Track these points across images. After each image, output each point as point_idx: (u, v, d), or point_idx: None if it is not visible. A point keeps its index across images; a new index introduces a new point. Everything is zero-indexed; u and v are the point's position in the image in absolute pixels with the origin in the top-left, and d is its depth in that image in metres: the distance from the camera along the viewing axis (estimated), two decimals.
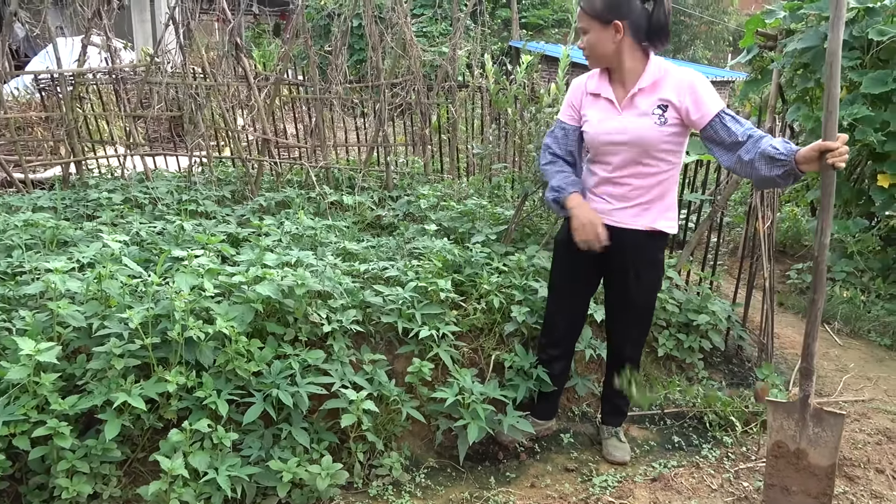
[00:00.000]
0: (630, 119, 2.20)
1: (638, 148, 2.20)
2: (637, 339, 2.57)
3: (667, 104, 2.16)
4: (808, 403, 2.19)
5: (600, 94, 2.26)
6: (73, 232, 3.15)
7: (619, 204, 2.29)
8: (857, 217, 4.65)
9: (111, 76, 5.17)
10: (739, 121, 2.14)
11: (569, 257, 2.45)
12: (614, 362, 2.61)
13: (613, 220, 2.29)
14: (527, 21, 21.55)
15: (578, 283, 2.52)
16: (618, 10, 2.10)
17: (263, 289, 2.32)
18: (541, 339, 2.71)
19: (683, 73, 2.17)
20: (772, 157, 2.02)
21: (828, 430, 2.17)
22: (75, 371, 2.10)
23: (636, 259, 2.35)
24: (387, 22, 4.91)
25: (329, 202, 4.26)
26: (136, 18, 11.95)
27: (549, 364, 2.66)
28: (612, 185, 2.29)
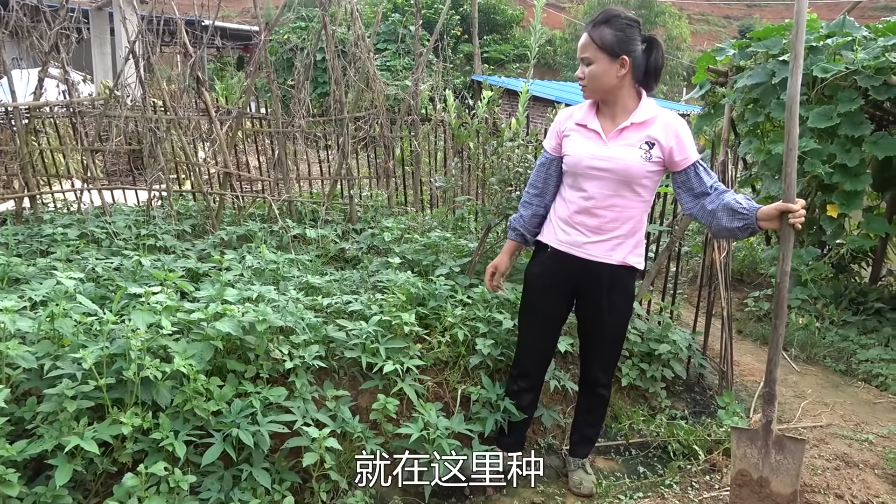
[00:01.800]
0: (617, 149, 2.26)
1: (620, 178, 2.26)
2: (611, 365, 2.64)
3: (654, 142, 2.26)
4: (770, 429, 2.23)
5: (587, 126, 2.32)
6: (26, 269, 3.05)
7: (595, 237, 2.34)
8: (809, 246, 4.81)
9: (69, 109, 5.09)
10: (710, 173, 2.31)
11: (541, 290, 2.50)
12: (587, 389, 2.65)
13: (588, 252, 2.35)
14: (488, 56, 22.01)
15: (550, 314, 2.54)
16: (626, 46, 2.19)
17: (223, 325, 2.27)
18: (512, 370, 2.72)
19: (672, 118, 2.29)
20: (734, 210, 2.17)
21: (789, 458, 2.21)
22: (24, 414, 2.01)
23: (610, 289, 2.42)
24: (350, 56, 4.96)
25: (292, 235, 4.23)
26: (96, 51, 11.83)
27: (519, 395, 2.66)
28: (587, 216, 2.33)
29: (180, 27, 4.44)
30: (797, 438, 2.24)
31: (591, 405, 2.69)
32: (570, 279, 2.43)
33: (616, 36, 2.18)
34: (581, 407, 2.72)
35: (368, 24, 5.50)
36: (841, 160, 4.22)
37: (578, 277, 2.41)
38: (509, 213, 3.32)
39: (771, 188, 4.68)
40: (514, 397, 2.67)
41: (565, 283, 2.45)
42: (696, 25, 40.18)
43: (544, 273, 2.47)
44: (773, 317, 2.29)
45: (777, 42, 4.66)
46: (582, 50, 2.24)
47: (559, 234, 2.41)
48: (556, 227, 2.43)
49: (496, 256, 2.70)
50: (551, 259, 2.43)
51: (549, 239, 2.45)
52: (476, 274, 3.53)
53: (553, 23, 29.14)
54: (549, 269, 2.45)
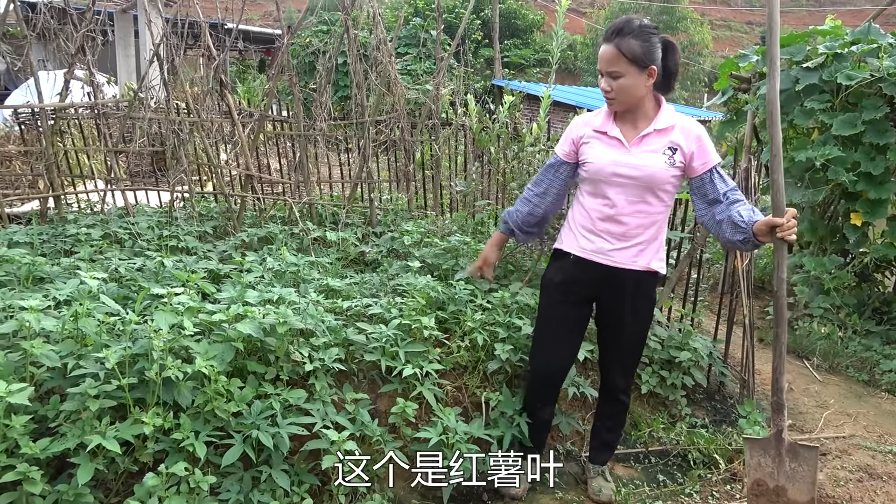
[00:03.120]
0: (641, 156, 2.25)
1: (644, 185, 2.26)
2: (631, 371, 2.62)
3: (676, 147, 2.26)
4: (782, 438, 2.20)
5: (607, 133, 2.30)
6: (50, 268, 3.09)
7: (619, 244, 2.32)
8: (832, 254, 4.74)
9: (93, 111, 5.16)
10: (726, 180, 2.29)
11: (563, 298, 2.46)
12: (608, 395, 2.63)
13: (612, 259, 2.34)
14: (509, 60, 22.01)
15: (573, 322, 2.51)
16: (653, 56, 2.18)
17: (244, 327, 2.29)
18: (532, 384, 2.64)
19: (692, 123, 2.29)
20: (736, 224, 2.18)
21: (804, 465, 2.19)
22: (48, 413, 2.04)
23: (634, 295, 2.40)
24: (371, 60, 4.98)
25: (312, 238, 4.25)
26: (121, 53, 12.00)
27: (542, 410, 2.62)
28: (612, 223, 2.32)
29: (204, 30, 4.48)
30: (810, 446, 2.22)
31: (612, 411, 2.67)
32: (594, 286, 2.41)
33: (643, 46, 2.16)
34: (601, 413, 2.71)
35: (390, 28, 5.52)
36: (865, 168, 4.16)
37: (602, 284, 2.39)
38: None
39: (794, 195, 4.62)
40: (535, 415, 2.63)
41: (588, 291, 2.43)
42: (717, 31, 39.86)
43: (566, 280, 2.44)
44: (773, 325, 2.27)
45: (801, 48, 4.61)
46: (609, 63, 2.19)
47: (581, 241, 2.39)
48: (577, 235, 2.41)
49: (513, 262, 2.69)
50: (574, 267, 2.41)
51: (571, 247, 2.42)
52: (495, 279, 3.52)
53: (574, 28, 29.08)
54: (571, 276, 2.43)
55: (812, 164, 4.31)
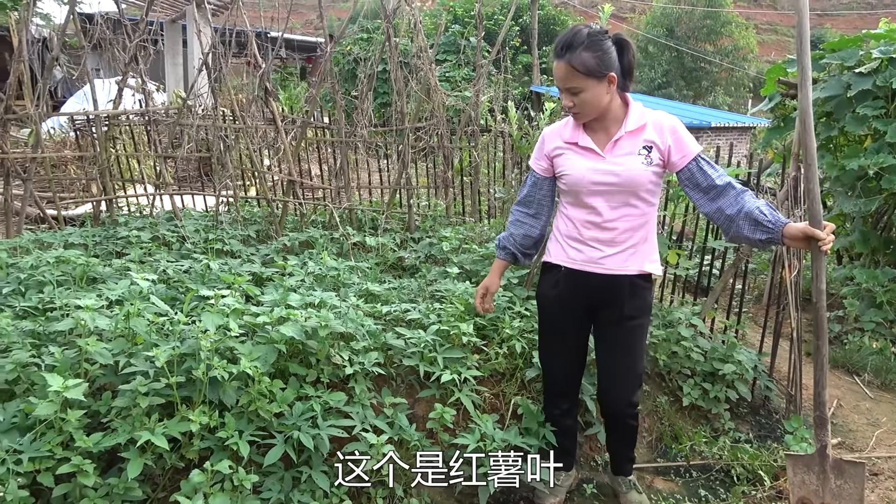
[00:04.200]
0: (617, 160, 2.19)
1: (627, 189, 2.20)
2: (634, 390, 2.44)
3: (651, 145, 2.20)
4: (826, 454, 2.14)
5: (578, 143, 2.24)
6: (103, 269, 3.21)
7: (610, 250, 2.26)
8: (885, 266, 4.58)
9: (144, 117, 5.33)
10: (713, 165, 2.22)
11: (559, 311, 2.41)
12: (615, 421, 2.51)
13: (605, 267, 2.27)
14: (547, 66, 21.91)
15: (573, 333, 2.44)
16: (609, 63, 2.11)
17: (287, 329, 2.33)
18: (548, 394, 2.60)
19: (663, 116, 2.22)
20: (757, 221, 2.13)
21: (850, 482, 2.11)
22: (100, 408, 2.11)
23: (630, 300, 2.31)
24: (411, 67, 5.03)
25: (352, 243, 4.30)
26: (169, 62, 12.36)
27: (563, 418, 2.58)
28: (600, 231, 2.26)
29: (251, 39, 4.59)
30: (856, 462, 2.15)
31: (623, 429, 2.53)
32: (589, 296, 2.33)
33: (596, 57, 2.08)
34: (613, 430, 2.58)
35: (430, 36, 5.57)
36: None
37: (597, 293, 2.32)
38: None
39: (844, 205, 4.49)
40: (556, 422, 2.59)
41: (583, 301, 2.35)
42: (763, 35, 39.03)
43: (561, 294, 2.35)
44: (814, 337, 2.20)
45: (853, 53, 4.48)
46: (565, 81, 2.12)
47: (570, 252, 2.31)
48: (564, 246, 2.33)
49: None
50: (566, 279, 2.33)
51: (560, 259, 2.35)
52: (533, 286, 3.51)
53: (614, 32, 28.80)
54: (565, 289, 2.34)
55: (865, 173, 4.19)
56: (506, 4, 21.29)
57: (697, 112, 17.82)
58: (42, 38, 6.83)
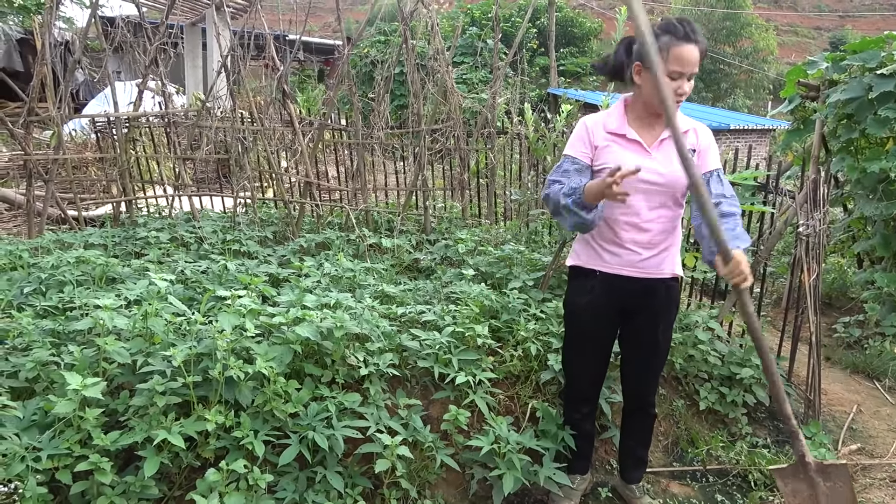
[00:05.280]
0: (663, 160, 2.18)
1: (668, 189, 2.19)
2: (657, 381, 2.55)
3: (695, 150, 2.21)
4: (807, 462, 2.14)
5: (625, 136, 2.20)
6: (122, 269, 3.25)
7: (647, 252, 2.24)
8: None
9: (163, 119, 5.39)
10: (724, 183, 2.23)
11: (592, 318, 2.36)
12: (638, 412, 2.55)
13: (642, 270, 2.26)
14: (564, 69, 21.84)
15: (603, 340, 2.43)
16: None
17: (303, 330, 2.34)
18: (569, 399, 2.59)
19: (701, 126, 2.27)
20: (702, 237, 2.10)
21: (839, 482, 2.14)
22: (118, 407, 2.14)
23: (665, 305, 2.34)
24: (428, 69, 5.04)
25: (368, 244, 4.31)
26: (189, 65, 12.48)
27: (583, 422, 2.58)
28: (637, 232, 2.23)
29: (269, 42, 4.63)
30: (837, 463, 2.21)
31: (643, 426, 2.58)
32: (624, 300, 2.31)
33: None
34: (631, 429, 2.60)
35: (447, 38, 5.58)
36: None
37: (632, 297, 2.30)
38: None
39: (865, 208, 4.42)
40: (576, 426, 2.59)
41: (617, 305, 2.33)
42: (783, 37, 38.61)
43: (595, 300, 2.31)
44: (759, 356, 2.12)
45: (875, 55, 4.41)
46: (693, 65, 2.07)
47: (606, 256, 2.27)
48: (599, 251, 2.28)
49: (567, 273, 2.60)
50: (601, 284, 2.29)
51: (595, 263, 2.29)
52: (549, 288, 3.50)
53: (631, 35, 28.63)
54: (599, 295, 2.30)
55: (886, 176, 4.12)
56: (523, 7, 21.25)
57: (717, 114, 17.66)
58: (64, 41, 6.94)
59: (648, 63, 1.74)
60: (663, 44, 2.05)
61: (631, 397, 2.55)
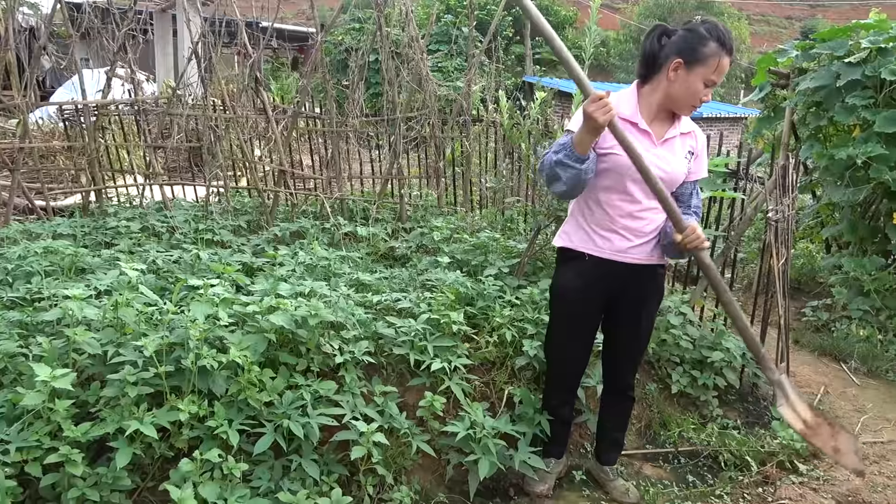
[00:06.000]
0: (668, 155, 2.22)
1: (667, 184, 2.22)
2: (638, 366, 2.63)
3: (693, 152, 2.30)
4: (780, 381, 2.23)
5: (638, 125, 2.21)
6: (92, 259, 3.19)
7: (637, 240, 2.28)
8: (873, 255, 4.62)
9: (133, 107, 5.29)
10: (699, 196, 2.41)
11: (582, 302, 2.38)
12: (619, 395, 2.60)
13: (632, 257, 2.30)
14: (540, 57, 21.88)
15: (591, 325, 2.47)
16: None
17: (277, 318, 2.33)
18: (552, 387, 2.61)
19: (700, 132, 2.35)
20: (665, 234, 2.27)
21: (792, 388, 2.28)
22: (89, 398, 2.11)
23: (650, 291, 2.41)
24: (403, 57, 5.00)
25: (343, 233, 4.29)
26: (159, 52, 12.25)
27: (562, 408, 2.61)
28: (632, 220, 2.27)
29: (241, 28, 4.56)
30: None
31: (622, 409, 2.65)
32: (612, 286, 2.34)
33: None
34: (611, 413, 2.65)
35: (422, 26, 5.54)
36: None
37: (620, 282, 2.33)
38: (560, 214, 3.30)
39: (833, 194, 4.51)
40: (555, 412, 2.61)
41: (605, 290, 2.36)
42: (756, 26, 39.05)
43: (585, 284, 2.34)
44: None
45: (843, 43, 4.49)
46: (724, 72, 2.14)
47: (598, 241, 2.29)
48: (592, 235, 2.30)
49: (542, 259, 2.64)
50: (591, 268, 2.31)
51: (586, 247, 2.31)
52: (525, 275, 3.52)
53: (607, 24, 28.75)
54: (589, 279, 2.33)
55: (853, 162, 4.21)
56: None
57: None
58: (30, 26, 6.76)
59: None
60: (711, 51, 2.09)
61: (611, 382, 2.60)
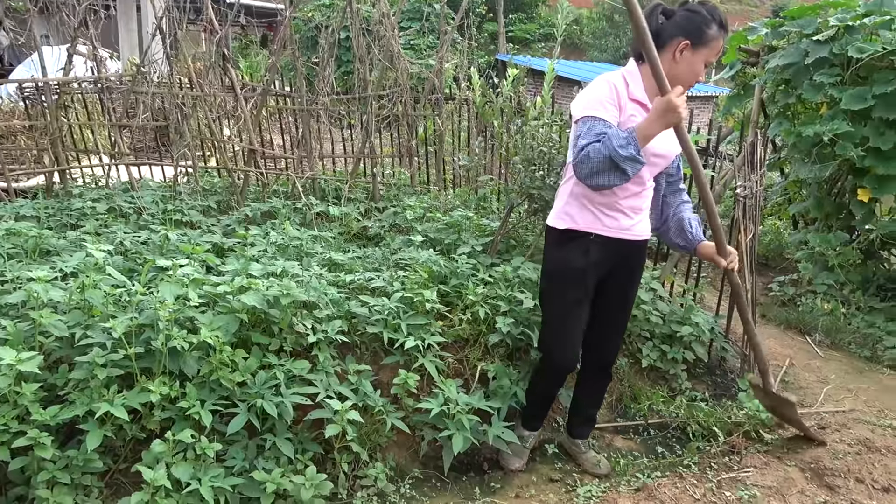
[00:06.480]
0: (669, 138, 2.19)
1: (665, 165, 2.30)
2: (621, 341, 2.68)
3: None
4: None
5: (646, 106, 2.17)
6: (57, 241, 3.13)
7: (637, 217, 2.33)
8: (837, 230, 4.72)
9: (97, 85, 5.15)
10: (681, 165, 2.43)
11: (584, 280, 2.35)
12: (600, 372, 2.63)
13: (633, 234, 2.34)
14: (513, 35, 21.77)
15: (587, 309, 2.45)
16: None
17: (248, 298, 2.31)
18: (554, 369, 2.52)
19: None
20: (683, 230, 2.41)
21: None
22: (57, 381, 2.08)
23: (639, 265, 2.48)
24: (374, 34, 4.94)
25: (315, 213, 4.26)
26: (123, 28, 11.91)
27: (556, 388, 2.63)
28: (636, 199, 2.30)
29: (206, 4, 4.45)
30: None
31: (601, 387, 2.69)
32: (612, 262, 2.36)
33: None
34: (589, 389, 2.69)
35: (393, 2, 5.47)
36: (874, 143, 4.11)
37: (620, 259, 2.37)
38: (532, 192, 3.31)
39: (800, 171, 4.59)
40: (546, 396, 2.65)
41: (608, 267, 2.38)
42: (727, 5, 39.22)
43: (590, 264, 2.32)
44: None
45: (811, 21, 4.54)
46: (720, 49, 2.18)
47: (606, 220, 2.28)
48: (599, 215, 2.27)
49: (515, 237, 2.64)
50: (596, 247, 2.30)
51: (594, 227, 2.29)
52: (498, 253, 3.53)
53: (580, 1, 28.66)
54: (594, 257, 2.31)
55: (820, 140, 4.28)
56: None
57: None
58: None
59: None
60: (714, 33, 2.14)
61: (596, 360, 2.61)
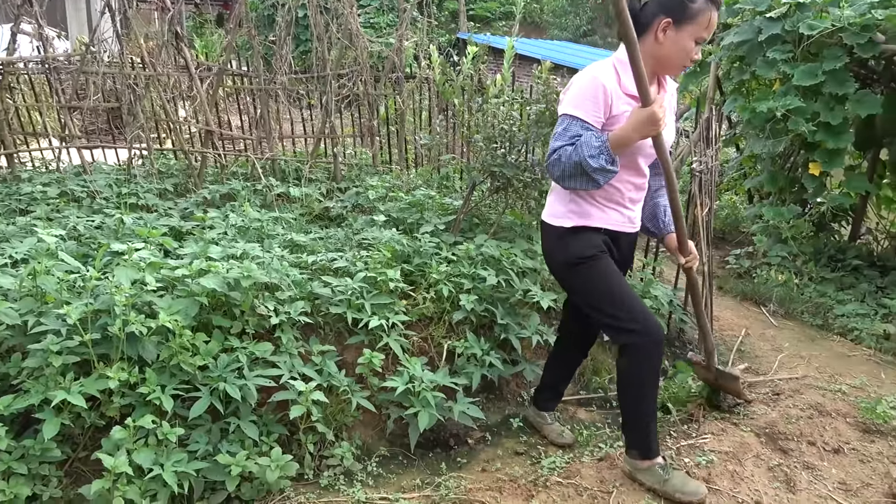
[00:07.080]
0: (669, 122, 2.16)
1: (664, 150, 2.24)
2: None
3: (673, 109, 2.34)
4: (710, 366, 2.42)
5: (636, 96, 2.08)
6: (5, 227, 3.02)
7: (637, 209, 2.34)
8: (791, 204, 4.85)
9: (43, 65, 4.96)
10: None
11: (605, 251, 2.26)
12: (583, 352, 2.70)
13: (633, 225, 2.35)
14: (474, 13, 21.64)
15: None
16: None
17: (208, 282, 2.28)
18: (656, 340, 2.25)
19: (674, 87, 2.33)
20: (655, 217, 2.45)
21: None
22: (10, 370, 2.03)
23: (633, 252, 2.53)
24: (332, 12, 4.85)
25: (276, 194, 4.20)
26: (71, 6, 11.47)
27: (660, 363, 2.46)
28: (636, 191, 2.28)
29: None
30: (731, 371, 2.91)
31: (574, 366, 2.76)
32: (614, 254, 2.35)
33: None
34: (562, 368, 2.73)
35: None
36: (824, 118, 4.23)
37: (620, 249, 2.37)
38: (494, 170, 3.32)
39: (754, 146, 4.69)
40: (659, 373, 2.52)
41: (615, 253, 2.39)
42: None
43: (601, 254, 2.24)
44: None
45: None
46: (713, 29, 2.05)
47: (613, 215, 2.25)
48: (606, 210, 2.24)
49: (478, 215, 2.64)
50: (604, 238, 2.27)
51: (602, 222, 2.24)
52: (461, 231, 3.54)
53: None
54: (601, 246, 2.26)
55: (773, 115, 4.37)
56: None
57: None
58: None
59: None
60: (700, 6, 2.00)
61: (581, 342, 2.65)
